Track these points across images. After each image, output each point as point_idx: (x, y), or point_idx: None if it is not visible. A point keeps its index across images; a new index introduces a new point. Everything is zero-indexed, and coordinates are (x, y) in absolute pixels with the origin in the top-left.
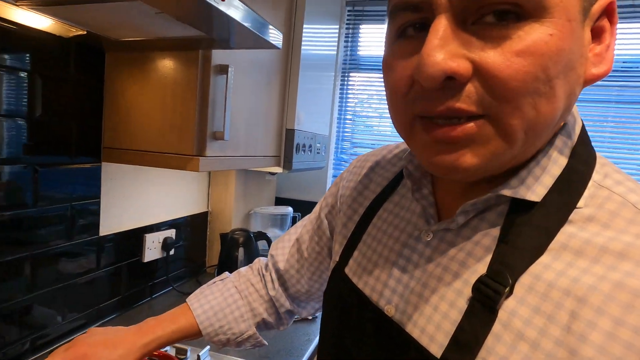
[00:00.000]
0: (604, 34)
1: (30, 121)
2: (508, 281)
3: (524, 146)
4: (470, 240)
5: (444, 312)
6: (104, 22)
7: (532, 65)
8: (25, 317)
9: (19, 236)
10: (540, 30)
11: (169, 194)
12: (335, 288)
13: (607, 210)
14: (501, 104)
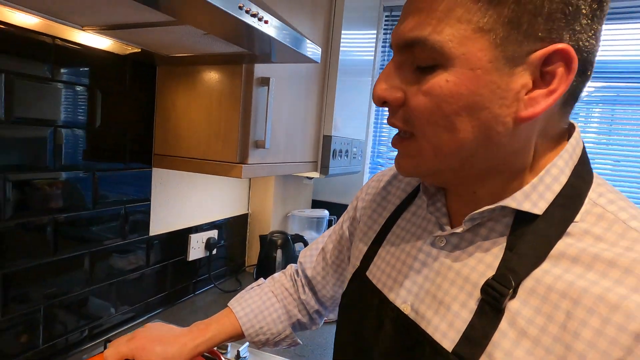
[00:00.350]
0: (553, 79)
1: (90, 131)
2: (511, 284)
3: (439, 164)
4: (481, 248)
5: (456, 312)
6: (157, 41)
7: (430, 103)
8: (83, 308)
9: (79, 234)
10: (441, 76)
11: (212, 197)
12: (355, 289)
13: (600, 226)
14: (414, 129)
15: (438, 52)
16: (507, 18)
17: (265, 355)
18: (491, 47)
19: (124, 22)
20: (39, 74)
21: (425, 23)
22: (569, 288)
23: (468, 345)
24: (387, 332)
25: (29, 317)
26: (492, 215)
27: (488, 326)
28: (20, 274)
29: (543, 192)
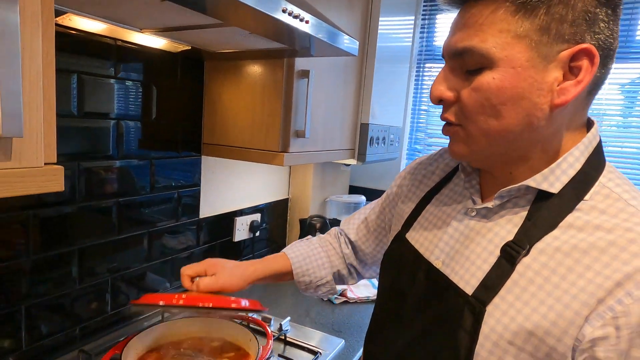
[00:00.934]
0: (579, 72)
1: (146, 123)
2: (526, 245)
3: (488, 147)
4: (504, 218)
5: (478, 266)
6: (206, 40)
7: (480, 97)
8: (142, 281)
9: (138, 216)
10: (488, 75)
11: (256, 183)
12: (396, 248)
13: (605, 203)
14: (466, 119)
15: (484, 57)
16: (539, 26)
17: (305, 328)
18: (527, 49)
19: (177, 25)
20: (104, 72)
21: (472, 35)
22: (572, 249)
23: (484, 290)
24: (420, 281)
25: (98, 288)
26: (517, 193)
27: (502, 276)
28: (90, 250)
29: (559, 175)
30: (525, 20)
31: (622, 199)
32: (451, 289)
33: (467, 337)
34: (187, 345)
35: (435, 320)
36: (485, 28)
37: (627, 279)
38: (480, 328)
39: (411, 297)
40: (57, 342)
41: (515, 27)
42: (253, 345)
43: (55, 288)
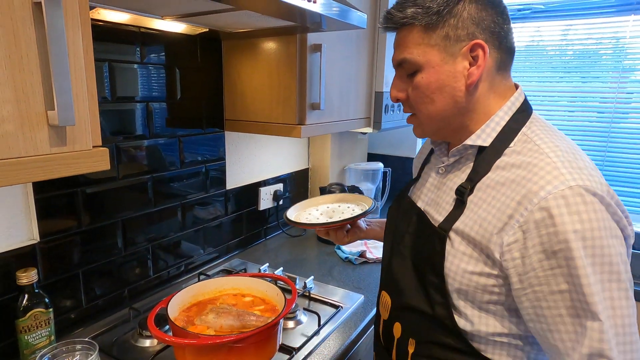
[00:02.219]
0: (478, 60)
1: (172, 103)
2: (469, 186)
3: (436, 124)
4: (459, 170)
5: (443, 206)
6: (223, 22)
7: (418, 92)
8: (177, 248)
9: (171, 190)
10: (419, 76)
11: (277, 154)
12: (397, 203)
13: (521, 146)
14: (415, 109)
15: (413, 64)
16: (441, 35)
17: (327, 286)
18: (439, 53)
19: (194, 11)
20: (131, 58)
21: (403, 50)
22: (496, 184)
23: (446, 222)
24: (413, 222)
25: (140, 255)
26: (464, 150)
27: (457, 212)
28: (131, 222)
29: (489, 132)
30: (432, 34)
31: (533, 141)
32: (428, 225)
33: (438, 256)
34: (223, 300)
35: (420, 247)
36: (409, 44)
37: (523, 198)
38: (445, 248)
39: (407, 234)
40: (110, 301)
41: (428, 40)
42: (280, 299)
43: (105, 255)
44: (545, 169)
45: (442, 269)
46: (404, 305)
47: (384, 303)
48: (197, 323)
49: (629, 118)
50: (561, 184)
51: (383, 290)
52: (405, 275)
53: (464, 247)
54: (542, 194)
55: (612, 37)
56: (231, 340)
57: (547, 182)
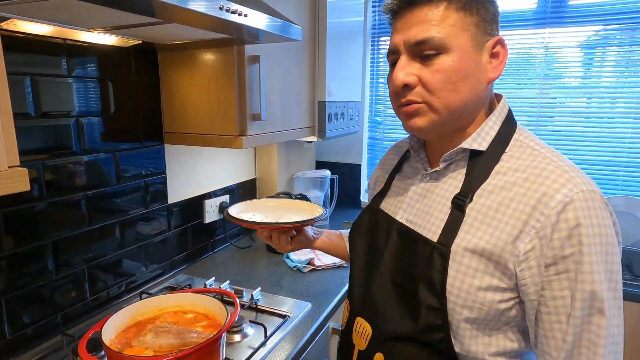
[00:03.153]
0: (499, 55)
1: (106, 117)
2: (469, 194)
3: (448, 117)
4: (450, 177)
5: (436, 216)
6: (155, 35)
7: (443, 76)
8: (118, 267)
9: (108, 206)
10: (447, 58)
11: (222, 165)
12: (370, 217)
13: (519, 151)
14: (431, 96)
15: (441, 45)
16: (474, 22)
17: (275, 296)
18: (469, 39)
19: (122, 24)
20: (57, 72)
21: (430, 28)
22: (500, 189)
23: (445, 236)
24: (394, 238)
25: (75, 277)
26: (456, 155)
27: (457, 221)
28: (64, 242)
29: (484, 136)
30: (466, 18)
31: (529, 146)
32: (420, 240)
33: (438, 274)
34: (163, 319)
35: (410, 265)
36: (440, 22)
37: (538, 202)
38: (448, 265)
39: (387, 251)
40: (40, 329)
41: (462, 23)
42: (223, 314)
43: (33, 280)
44: (555, 172)
45: (443, 289)
46: (391, 334)
47: (360, 332)
48: (134, 345)
49: (555, 121)
50: (575, 187)
51: (358, 317)
52: (390, 299)
53: (472, 261)
54: (559, 197)
55: (535, 46)
56: (170, 359)
57: (561, 185)
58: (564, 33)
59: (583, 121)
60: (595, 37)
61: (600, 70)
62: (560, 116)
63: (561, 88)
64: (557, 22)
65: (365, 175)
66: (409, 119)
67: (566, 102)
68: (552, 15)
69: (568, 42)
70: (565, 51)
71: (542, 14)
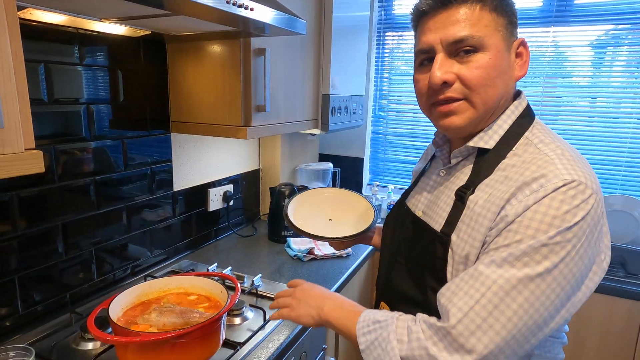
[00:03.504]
0: (522, 55)
1: (115, 105)
2: (470, 187)
3: (484, 113)
4: (460, 172)
5: (443, 208)
6: (164, 26)
7: (483, 72)
8: (124, 251)
9: (116, 192)
10: (484, 56)
11: (227, 155)
12: (395, 211)
13: (523, 149)
14: (471, 92)
15: (479, 43)
16: (504, 23)
17: (276, 283)
18: (502, 39)
19: (133, 14)
20: (69, 60)
21: (469, 27)
22: (494, 182)
23: (447, 226)
24: (409, 229)
25: (83, 258)
26: (466, 152)
27: (457, 213)
28: (73, 225)
29: (492, 134)
30: (498, 19)
31: (534, 144)
32: (427, 230)
33: (440, 262)
34: (167, 299)
35: (419, 255)
36: (477, 22)
37: (517, 190)
38: (448, 253)
39: (404, 242)
40: (50, 307)
41: (495, 23)
42: (224, 296)
43: (44, 260)
44: (540, 165)
45: (444, 275)
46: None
47: None
48: (139, 322)
49: (559, 120)
50: (555, 177)
51: (382, 302)
52: (405, 285)
53: (460, 249)
54: (535, 186)
55: (540, 45)
56: (173, 337)
57: (541, 175)
58: (570, 32)
59: (587, 120)
60: (605, 36)
61: (610, 70)
62: (564, 114)
63: (566, 87)
64: (563, 21)
65: (367, 169)
66: (444, 117)
67: (572, 101)
68: (558, 14)
69: (574, 41)
70: (572, 50)
71: (547, 12)
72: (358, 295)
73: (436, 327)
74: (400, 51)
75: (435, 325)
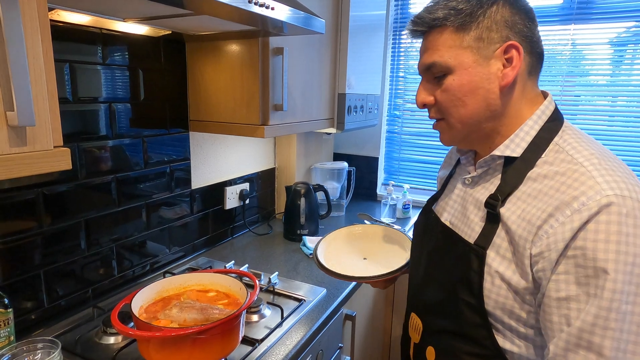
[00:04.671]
0: (513, 60)
1: (135, 104)
2: (499, 197)
3: (467, 129)
4: (487, 182)
5: (473, 221)
6: (185, 25)
7: (449, 95)
8: (143, 248)
9: (135, 190)
10: (450, 78)
11: (243, 154)
12: (424, 218)
13: (553, 157)
14: (444, 113)
15: (444, 67)
16: (474, 37)
17: (292, 281)
18: (472, 54)
19: (155, 14)
20: (93, 59)
21: (433, 54)
22: (527, 196)
23: (482, 239)
24: (439, 239)
25: (104, 255)
26: (491, 161)
27: (493, 228)
28: (94, 221)
29: (519, 142)
30: (465, 36)
31: (565, 150)
32: (459, 241)
33: (476, 275)
34: (187, 296)
35: (451, 266)
36: (440, 47)
37: (555, 210)
38: (484, 267)
39: (435, 252)
40: (73, 301)
41: (460, 42)
42: (243, 294)
43: (67, 255)
44: (579, 179)
45: (480, 289)
46: (438, 328)
47: (414, 326)
48: (160, 318)
49: (577, 119)
50: (596, 194)
51: (413, 312)
52: (437, 296)
53: (503, 268)
54: (576, 206)
55: (559, 43)
56: (194, 332)
57: (581, 193)
58: (591, 30)
59: (608, 120)
60: (626, 33)
61: (630, 68)
62: (583, 114)
63: (586, 86)
64: (584, 19)
65: (382, 168)
66: (439, 134)
67: (591, 101)
68: (579, 11)
69: (595, 39)
70: (592, 48)
71: (568, 9)
72: (374, 293)
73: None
74: (416, 50)
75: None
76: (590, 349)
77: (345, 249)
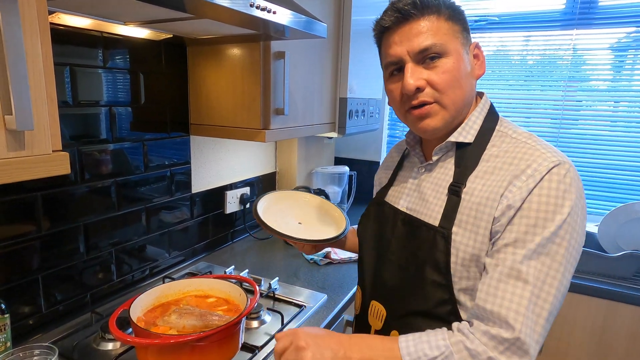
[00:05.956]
0: (478, 56)
1: (136, 107)
2: (463, 181)
3: (455, 112)
4: (443, 168)
5: (435, 204)
6: (186, 29)
7: (449, 76)
8: (142, 252)
9: (135, 194)
10: (448, 61)
11: (244, 158)
12: (373, 210)
13: (499, 140)
14: (441, 95)
15: (442, 49)
16: (460, 29)
17: (292, 287)
18: (460, 44)
19: (156, 18)
20: (93, 63)
21: (431, 36)
22: (484, 173)
23: (445, 220)
24: (399, 227)
25: (103, 259)
26: (446, 147)
27: (454, 207)
28: (94, 225)
29: (469, 129)
30: (454, 26)
31: (508, 135)
32: (423, 225)
33: (442, 254)
34: (186, 301)
35: (416, 249)
36: (437, 31)
37: (513, 178)
38: (450, 245)
39: (394, 239)
40: (72, 306)
41: (452, 31)
42: (243, 300)
43: (66, 260)
44: (527, 152)
45: (447, 266)
46: (404, 312)
47: (375, 313)
48: (159, 324)
49: (579, 124)
50: (544, 160)
51: (373, 300)
52: (400, 281)
53: (466, 239)
54: (529, 172)
55: (561, 48)
56: (193, 339)
57: (532, 161)
58: (593, 35)
59: (609, 125)
60: (627, 39)
61: (631, 73)
62: (585, 119)
63: (588, 91)
64: (586, 24)
65: None
66: (421, 120)
67: (592, 105)
68: (581, 16)
69: (597, 44)
70: (594, 53)
71: (570, 14)
72: None
73: (501, 338)
74: None
75: (499, 337)
76: (518, 277)
77: (286, 211)
